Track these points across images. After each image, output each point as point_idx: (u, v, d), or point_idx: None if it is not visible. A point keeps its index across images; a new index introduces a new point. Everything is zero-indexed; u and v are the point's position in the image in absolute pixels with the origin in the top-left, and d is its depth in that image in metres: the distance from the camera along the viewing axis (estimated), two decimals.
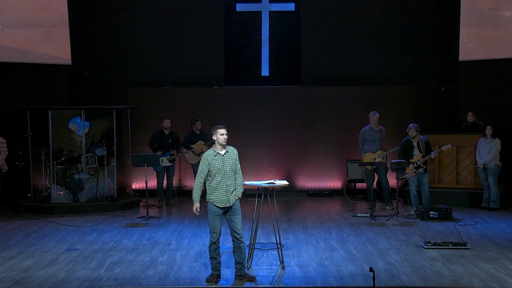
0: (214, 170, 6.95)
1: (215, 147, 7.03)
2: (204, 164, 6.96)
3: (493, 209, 10.95)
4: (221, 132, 6.95)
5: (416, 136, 10.77)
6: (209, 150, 7.06)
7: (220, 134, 6.95)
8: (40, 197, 11.80)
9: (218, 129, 6.97)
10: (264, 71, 13.35)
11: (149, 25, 13.28)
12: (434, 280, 7.01)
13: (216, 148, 7.01)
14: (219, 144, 6.98)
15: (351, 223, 10.17)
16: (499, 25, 12.39)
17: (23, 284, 6.99)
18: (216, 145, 7.01)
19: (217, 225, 7.03)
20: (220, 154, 6.99)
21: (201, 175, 6.99)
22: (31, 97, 12.82)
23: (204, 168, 6.96)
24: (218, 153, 6.99)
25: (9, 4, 12.53)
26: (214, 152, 6.99)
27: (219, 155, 6.99)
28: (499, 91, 12.68)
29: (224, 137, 6.95)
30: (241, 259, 7.13)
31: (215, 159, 6.96)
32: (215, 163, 6.95)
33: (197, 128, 12.17)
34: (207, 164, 6.95)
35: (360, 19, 13.20)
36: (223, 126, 7.01)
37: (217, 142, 6.98)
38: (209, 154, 6.98)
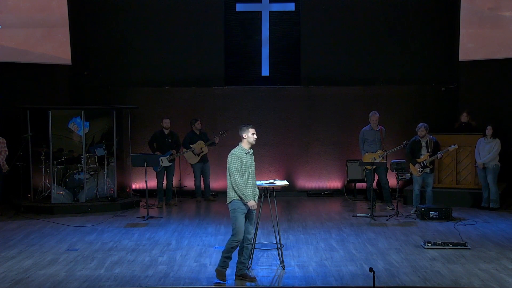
0: (244, 168, 6.96)
1: (243, 145, 7.05)
2: (238, 161, 6.93)
3: (493, 209, 10.95)
4: (252, 131, 7.04)
5: (425, 135, 10.76)
6: (238, 148, 7.04)
7: (251, 133, 7.04)
8: (40, 197, 11.80)
9: (249, 128, 7.04)
10: (264, 71, 13.35)
11: (149, 25, 13.28)
12: (434, 280, 7.01)
13: (245, 147, 7.05)
14: (249, 143, 7.05)
15: (351, 223, 10.17)
16: (499, 25, 12.39)
17: (23, 284, 7.00)
18: (244, 143, 7.05)
19: (243, 226, 7.00)
20: (249, 153, 7.05)
21: (239, 173, 6.92)
22: (31, 97, 12.82)
23: (238, 165, 6.93)
24: (248, 151, 7.05)
25: (9, 4, 12.54)
26: (245, 150, 7.03)
27: (248, 153, 7.04)
28: (499, 91, 12.68)
29: (255, 137, 7.06)
30: (244, 260, 7.13)
31: (246, 157, 7.00)
32: (246, 161, 6.98)
33: (197, 128, 12.18)
34: (240, 161, 6.94)
35: (360, 19, 13.20)
36: (252, 126, 7.09)
37: (247, 141, 7.04)
38: (240, 152, 6.99)
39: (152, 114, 13.00)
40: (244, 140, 7.06)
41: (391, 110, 12.97)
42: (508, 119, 12.35)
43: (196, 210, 11.68)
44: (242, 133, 7.07)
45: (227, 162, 7.01)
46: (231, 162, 6.96)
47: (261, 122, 13.24)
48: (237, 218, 6.96)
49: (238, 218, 6.96)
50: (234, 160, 6.95)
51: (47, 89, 13.05)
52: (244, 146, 7.06)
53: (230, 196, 7.01)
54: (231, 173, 6.95)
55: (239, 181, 6.89)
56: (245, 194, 6.91)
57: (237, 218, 6.96)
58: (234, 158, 6.96)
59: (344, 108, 13.18)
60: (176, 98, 13.28)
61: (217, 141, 12.15)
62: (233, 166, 6.93)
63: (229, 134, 12.44)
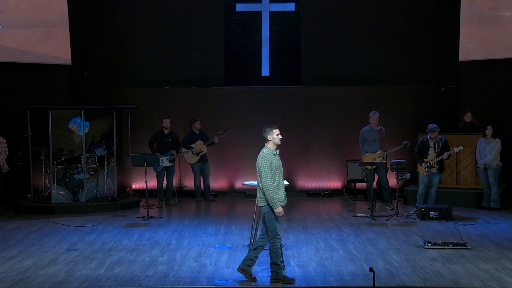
0: (274, 169, 6.94)
1: (269, 147, 7.02)
2: (269, 164, 6.90)
3: (493, 209, 10.95)
4: (276, 132, 7.00)
5: (436, 137, 10.75)
6: (266, 150, 7.00)
7: (276, 134, 7.00)
8: (40, 197, 11.80)
9: (273, 129, 7.00)
10: (264, 71, 13.35)
11: (149, 25, 13.28)
12: (434, 280, 7.01)
13: (271, 148, 7.02)
14: (275, 144, 7.02)
15: (351, 223, 10.17)
16: (499, 25, 12.39)
17: (23, 284, 6.99)
18: (270, 145, 7.01)
19: (279, 227, 7.00)
20: (276, 153, 7.03)
21: (269, 176, 6.88)
22: (31, 97, 12.82)
23: (269, 168, 6.89)
24: (276, 152, 7.03)
25: (9, 4, 12.54)
26: (272, 151, 7.00)
27: (276, 154, 7.02)
28: (499, 91, 12.68)
29: (280, 137, 7.02)
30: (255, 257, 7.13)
31: (275, 158, 6.98)
32: (275, 162, 6.96)
33: (197, 128, 12.18)
34: (270, 164, 6.91)
35: (360, 19, 13.20)
36: (276, 126, 7.05)
37: (273, 142, 7.00)
38: (269, 153, 6.96)
39: (152, 114, 13.00)
40: (270, 141, 7.01)
41: (391, 110, 12.97)
42: (508, 119, 12.35)
43: (196, 210, 11.68)
44: (266, 134, 7.02)
45: (258, 166, 6.95)
46: (261, 166, 6.90)
47: (261, 122, 13.20)
48: (273, 220, 6.96)
49: (273, 220, 6.96)
50: (265, 163, 6.90)
51: (47, 89, 13.05)
52: (270, 147, 7.02)
53: (265, 200, 6.96)
54: (262, 177, 6.89)
55: (269, 186, 6.84)
56: (274, 199, 6.86)
57: (273, 220, 6.96)
58: (265, 161, 6.90)
59: (344, 108, 13.18)
60: (176, 98, 13.28)
61: (217, 141, 12.15)
62: (264, 170, 6.88)
63: (229, 134, 12.45)
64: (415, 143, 11.29)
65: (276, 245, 6.99)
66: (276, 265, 7.03)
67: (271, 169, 6.88)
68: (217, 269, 7.52)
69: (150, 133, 12.25)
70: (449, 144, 10.79)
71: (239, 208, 11.81)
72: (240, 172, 13.19)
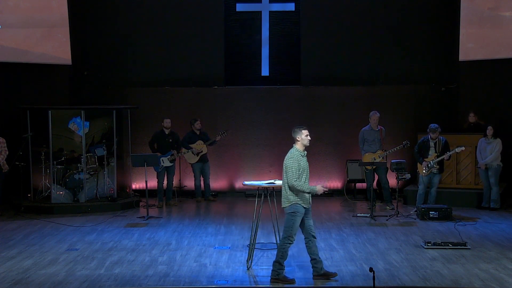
0: (301, 170, 6.92)
1: (297, 147, 7.00)
2: (297, 164, 6.89)
3: (493, 209, 10.95)
4: (305, 133, 6.98)
5: (437, 137, 10.74)
6: (294, 151, 6.98)
7: (305, 135, 6.97)
8: (40, 197, 11.80)
9: (303, 130, 6.98)
10: (264, 71, 13.36)
11: (149, 25, 13.28)
12: (434, 280, 7.01)
13: (300, 148, 7.00)
14: (304, 145, 7.00)
15: (351, 223, 10.17)
16: (499, 25, 12.39)
17: (23, 284, 6.99)
18: (299, 145, 7.00)
19: (298, 228, 7.01)
20: (304, 154, 7.02)
21: (296, 176, 6.87)
22: (31, 97, 12.82)
23: (296, 169, 6.87)
24: (303, 153, 7.01)
25: (9, 4, 12.54)
26: (301, 153, 6.99)
27: (304, 155, 7.01)
28: (499, 91, 12.68)
29: (309, 138, 7.00)
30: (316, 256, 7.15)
31: (303, 159, 6.97)
32: (303, 163, 6.95)
33: (197, 128, 12.18)
34: (298, 164, 6.90)
35: (360, 19, 13.20)
36: (306, 127, 7.03)
37: (301, 143, 6.98)
38: (297, 154, 6.95)
39: (152, 114, 13.00)
40: (298, 142, 6.99)
41: (391, 110, 12.96)
42: (508, 119, 12.35)
43: (196, 210, 11.68)
44: (295, 135, 7.01)
45: (285, 165, 6.94)
46: (289, 166, 6.89)
47: (261, 122, 13.25)
48: (295, 221, 6.95)
49: (296, 221, 6.95)
50: (293, 163, 6.88)
51: (47, 89, 13.05)
52: (298, 148, 7.01)
53: (289, 200, 6.94)
54: (288, 176, 6.89)
55: (295, 184, 6.83)
56: (308, 188, 6.88)
57: (295, 221, 6.95)
58: (293, 161, 6.89)
59: (344, 108, 13.18)
60: (176, 98, 13.28)
61: (218, 139, 12.14)
62: (291, 170, 6.87)
63: (229, 134, 12.45)
64: (415, 143, 11.29)
65: (287, 246, 7.00)
66: (279, 265, 7.03)
67: (298, 170, 6.88)
68: (217, 269, 7.52)
69: (150, 133, 12.25)
70: (449, 145, 10.79)
71: (239, 208, 11.81)
72: (240, 172, 13.19)
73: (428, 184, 10.92)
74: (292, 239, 7.00)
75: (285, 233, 6.99)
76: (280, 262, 7.02)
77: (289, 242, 7.00)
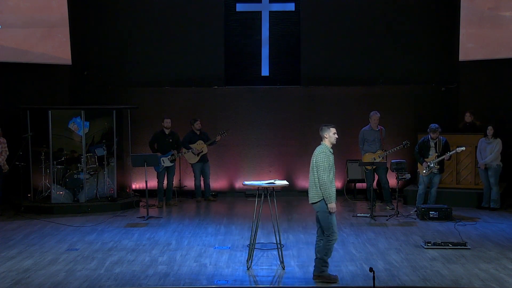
0: (330, 166, 6.97)
1: (325, 144, 7.06)
2: (327, 160, 6.94)
3: (493, 209, 10.95)
4: (333, 131, 7.06)
5: (437, 137, 10.74)
6: (323, 147, 7.03)
7: (333, 133, 7.05)
8: (40, 197, 11.80)
9: (330, 128, 7.05)
10: (264, 71, 13.36)
11: (149, 25, 13.28)
12: (434, 280, 7.01)
13: (328, 146, 7.07)
14: (331, 142, 7.07)
15: (351, 223, 10.17)
16: (499, 25, 12.39)
17: (23, 284, 6.99)
18: (327, 142, 7.06)
19: (335, 223, 7.01)
20: (332, 152, 7.07)
21: (327, 171, 6.91)
22: (31, 97, 12.82)
23: (327, 164, 6.92)
24: (331, 150, 7.06)
25: (9, 4, 12.54)
26: (330, 150, 7.04)
27: (332, 152, 7.06)
28: (499, 91, 12.68)
29: (336, 136, 7.08)
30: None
31: (332, 156, 7.03)
32: (331, 160, 7.00)
33: (196, 128, 12.18)
34: (328, 160, 6.95)
35: (360, 19, 13.20)
36: (333, 125, 7.09)
37: (329, 140, 7.05)
38: (326, 151, 7.00)
39: (152, 114, 13.00)
40: (326, 139, 7.06)
41: (391, 110, 12.97)
42: (508, 119, 12.35)
43: (196, 210, 11.68)
44: (323, 133, 7.07)
45: (316, 161, 6.98)
46: (320, 161, 6.94)
47: (261, 122, 13.25)
48: (332, 217, 6.97)
49: (330, 217, 6.96)
50: (324, 158, 6.94)
51: (47, 89, 13.05)
52: (327, 145, 7.07)
53: (319, 195, 6.97)
54: (319, 171, 6.93)
55: (326, 180, 6.88)
56: (330, 194, 6.88)
57: (332, 217, 6.97)
58: (324, 156, 6.95)
59: (344, 108, 13.18)
60: (176, 98, 13.28)
61: (218, 139, 12.15)
62: (322, 164, 6.92)
63: (229, 134, 12.46)
64: (415, 143, 11.29)
65: (331, 243, 6.99)
66: (324, 262, 7.02)
67: (328, 166, 6.92)
68: (217, 269, 7.52)
69: (150, 133, 12.25)
70: (449, 145, 10.79)
71: (239, 208, 11.81)
72: (240, 172, 13.19)
73: (428, 184, 10.92)
74: (335, 235, 6.99)
75: (327, 231, 6.98)
76: (324, 259, 7.01)
77: (334, 239, 6.99)
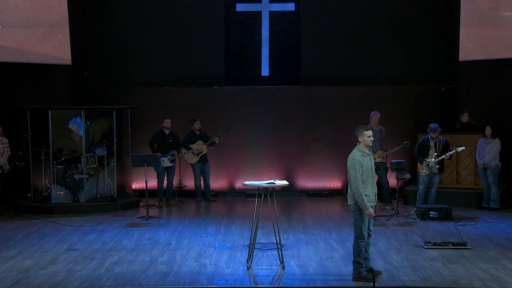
0: (365, 169, 6.91)
1: (360, 147, 7.01)
2: (358, 166, 6.88)
3: (493, 209, 10.95)
4: (368, 134, 6.98)
5: (437, 137, 10.74)
6: (356, 151, 6.99)
7: (367, 136, 6.97)
8: (40, 197, 11.80)
9: (365, 131, 6.98)
10: (264, 71, 13.35)
11: (149, 25, 13.28)
12: (434, 280, 7.01)
13: (362, 148, 7.01)
14: (366, 145, 7.00)
15: (351, 223, 10.07)
16: (499, 25, 12.38)
17: (23, 284, 6.99)
18: (361, 145, 7.01)
19: (365, 227, 7.00)
20: (367, 154, 7.00)
21: (360, 177, 6.87)
22: (31, 97, 12.82)
23: (359, 170, 6.87)
24: (366, 153, 7.00)
25: (9, 4, 12.53)
26: (362, 153, 6.97)
27: (367, 154, 6.99)
28: (499, 91, 12.67)
29: (371, 139, 6.99)
30: (368, 255, 7.15)
31: (365, 158, 6.95)
32: (366, 162, 6.93)
33: (196, 128, 12.18)
34: (360, 165, 6.89)
35: (360, 19, 13.20)
36: (369, 128, 7.01)
37: (364, 143, 6.99)
38: (358, 155, 6.94)
39: (152, 114, 12.99)
40: (361, 142, 7.01)
41: (391, 110, 12.96)
42: (508, 119, 12.35)
43: (196, 210, 11.68)
44: (358, 134, 7.02)
45: (347, 167, 6.98)
46: (351, 168, 6.90)
47: (261, 122, 13.25)
48: (362, 219, 6.97)
49: (363, 219, 6.97)
50: (354, 165, 6.88)
51: (47, 89, 13.05)
52: (361, 147, 7.01)
53: (353, 199, 6.98)
54: (351, 180, 6.91)
55: (359, 187, 6.83)
56: (364, 201, 6.84)
57: (362, 219, 6.97)
58: (354, 163, 6.89)
59: (344, 108, 13.18)
60: (176, 98, 13.28)
61: (218, 141, 12.15)
62: (353, 172, 6.87)
63: (229, 134, 12.46)
64: (415, 143, 11.29)
65: (359, 245, 7.00)
66: (358, 264, 7.02)
67: (360, 171, 6.87)
68: (217, 269, 7.52)
69: (150, 133, 12.25)
70: (449, 144, 10.79)
71: (239, 208, 11.81)
72: (240, 172, 13.19)
73: (428, 184, 10.92)
74: (363, 236, 6.99)
75: (356, 232, 7.01)
76: (358, 261, 7.02)
77: (362, 240, 6.99)
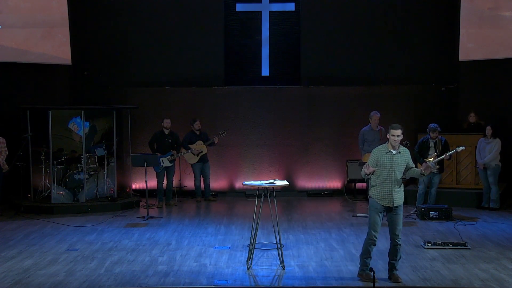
0: (381, 167, 6.87)
1: (387, 144, 6.97)
2: (373, 158, 6.89)
3: (493, 209, 10.95)
4: (393, 133, 6.83)
5: (436, 136, 10.74)
6: (382, 146, 6.98)
7: (392, 134, 6.84)
8: (40, 197, 11.80)
9: (392, 129, 6.85)
10: (264, 71, 13.35)
11: (149, 25, 13.28)
12: (434, 280, 7.01)
13: (388, 146, 6.93)
14: (391, 143, 6.90)
15: (351, 223, 10.17)
16: (499, 25, 12.38)
17: (23, 284, 6.99)
18: (388, 144, 6.94)
19: (378, 223, 6.94)
20: (391, 153, 6.88)
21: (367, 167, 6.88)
22: (31, 97, 12.82)
23: (372, 161, 6.88)
24: (390, 151, 6.89)
25: (9, 4, 12.54)
26: (386, 149, 6.90)
27: (390, 153, 6.88)
28: (499, 91, 12.67)
29: (395, 139, 6.80)
30: (393, 260, 7.06)
31: (385, 156, 6.87)
32: (383, 160, 6.87)
33: (196, 128, 12.18)
34: (375, 159, 6.88)
35: (360, 19, 13.20)
36: (399, 127, 6.83)
37: (389, 141, 6.92)
38: (380, 149, 6.93)
39: (152, 114, 13.00)
40: (388, 140, 6.95)
41: (391, 110, 12.95)
42: (508, 119, 12.35)
43: (196, 210, 11.68)
44: (388, 133, 6.97)
45: None
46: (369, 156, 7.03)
47: (261, 122, 13.25)
48: (370, 216, 6.98)
49: (371, 216, 6.97)
50: (371, 155, 6.98)
51: (47, 89, 13.05)
52: (387, 145, 6.95)
53: (369, 194, 7.07)
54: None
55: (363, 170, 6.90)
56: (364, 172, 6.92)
57: (370, 216, 6.98)
58: (372, 154, 6.99)
59: (344, 108, 13.18)
60: (176, 98, 13.28)
61: (217, 141, 12.16)
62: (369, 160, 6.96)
63: (229, 134, 12.46)
64: (415, 143, 11.28)
65: (366, 244, 6.99)
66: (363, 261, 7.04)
67: (373, 162, 6.88)
68: (217, 269, 7.53)
69: (150, 133, 12.25)
70: (449, 144, 10.79)
71: (239, 208, 11.81)
72: (240, 172, 13.19)
73: (428, 184, 10.92)
74: (371, 235, 6.91)
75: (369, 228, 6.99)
76: (362, 258, 7.05)
77: (369, 239, 6.94)
